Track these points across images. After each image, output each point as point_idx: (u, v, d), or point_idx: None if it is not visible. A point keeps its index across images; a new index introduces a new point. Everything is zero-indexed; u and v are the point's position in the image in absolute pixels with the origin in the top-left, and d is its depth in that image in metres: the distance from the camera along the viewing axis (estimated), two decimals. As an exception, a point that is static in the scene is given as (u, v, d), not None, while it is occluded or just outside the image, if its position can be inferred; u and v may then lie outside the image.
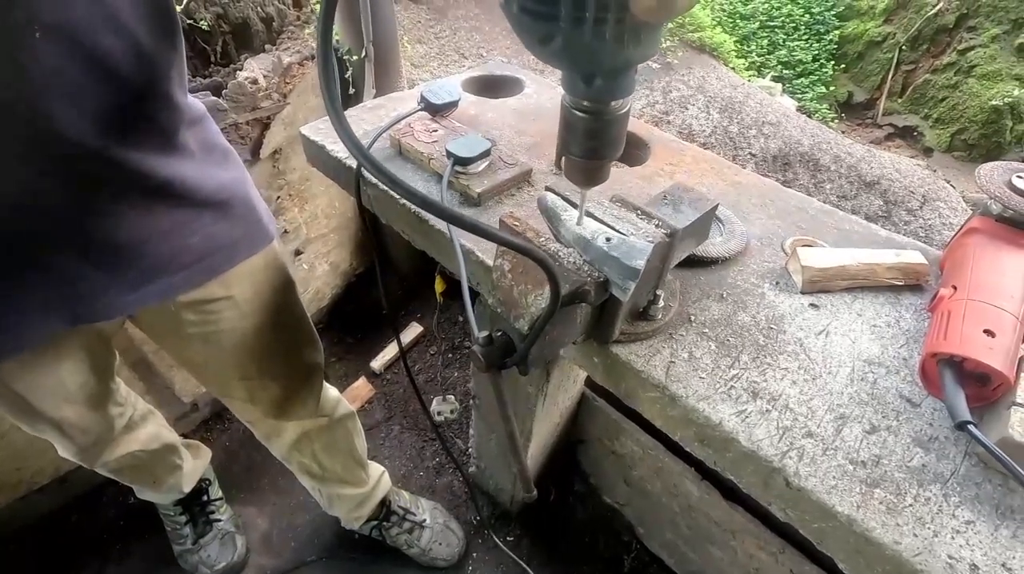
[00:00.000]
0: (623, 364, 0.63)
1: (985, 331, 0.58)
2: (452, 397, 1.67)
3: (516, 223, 0.54)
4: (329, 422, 1.06)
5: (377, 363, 1.74)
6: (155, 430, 1.08)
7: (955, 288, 0.65)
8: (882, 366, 0.64)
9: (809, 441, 0.56)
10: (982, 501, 0.52)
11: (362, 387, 1.69)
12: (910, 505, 0.52)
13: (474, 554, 1.36)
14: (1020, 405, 0.54)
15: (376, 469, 1.26)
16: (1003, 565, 0.48)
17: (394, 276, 1.97)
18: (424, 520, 1.32)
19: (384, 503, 1.28)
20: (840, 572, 1.02)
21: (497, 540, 1.33)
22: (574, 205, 0.58)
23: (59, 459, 1.26)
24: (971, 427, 0.53)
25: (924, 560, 0.48)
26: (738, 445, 0.57)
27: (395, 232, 0.93)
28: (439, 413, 1.63)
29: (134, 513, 1.36)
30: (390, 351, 1.78)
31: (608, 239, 0.50)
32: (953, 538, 0.50)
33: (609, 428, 1.27)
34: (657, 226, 0.57)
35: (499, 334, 0.53)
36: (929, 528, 0.50)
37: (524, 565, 1.28)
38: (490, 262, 0.70)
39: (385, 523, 1.29)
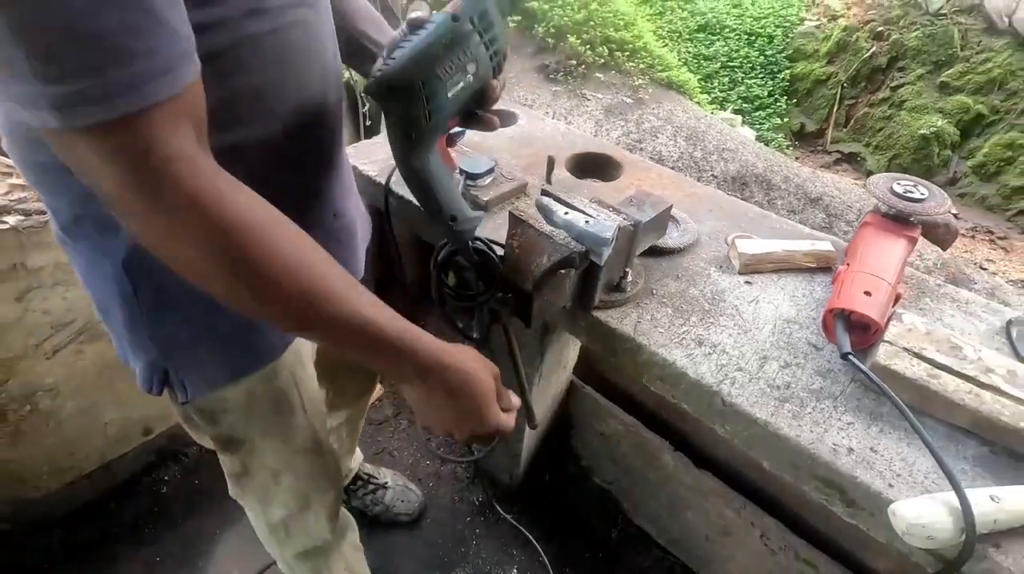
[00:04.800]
0: (602, 325, 0.83)
1: (865, 292, 0.79)
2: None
3: (521, 214, 0.74)
4: (368, 399, 1.27)
5: (384, 366, 1.90)
6: None
7: (848, 264, 0.86)
8: (796, 323, 0.84)
9: (739, 373, 0.76)
10: (861, 410, 0.72)
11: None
12: (809, 413, 0.71)
13: (477, 530, 1.51)
14: (886, 342, 0.74)
15: None
16: (871, 449, 0.67)
17: (399, 289, 2.15)
18: (386, 482, 1.50)
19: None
20: (786, 518, 1.20)
21: (501, 511, 1.49)
22: (563, 203, 0.78)
23: (104, 446, 1.41)
24: (851, 356, 0.73)
25: (816, 447, 0.67)
26: (687, 378, 0.76)
27: (404, 243, 1.11)
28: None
29: (166, 500, 1.49)
30: (396, 356, 1.94)
31: (587, 221, 0.70)
32: (838, 433, 0.69)
33: (595, 411, 1.45)
34: (625, 219, 0.78)
35: (508, 296, 0.73)
36: (822, 426, 0.70)
37: (526, 533, 1.44)
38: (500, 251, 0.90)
39: (352, 486, 1.47)
